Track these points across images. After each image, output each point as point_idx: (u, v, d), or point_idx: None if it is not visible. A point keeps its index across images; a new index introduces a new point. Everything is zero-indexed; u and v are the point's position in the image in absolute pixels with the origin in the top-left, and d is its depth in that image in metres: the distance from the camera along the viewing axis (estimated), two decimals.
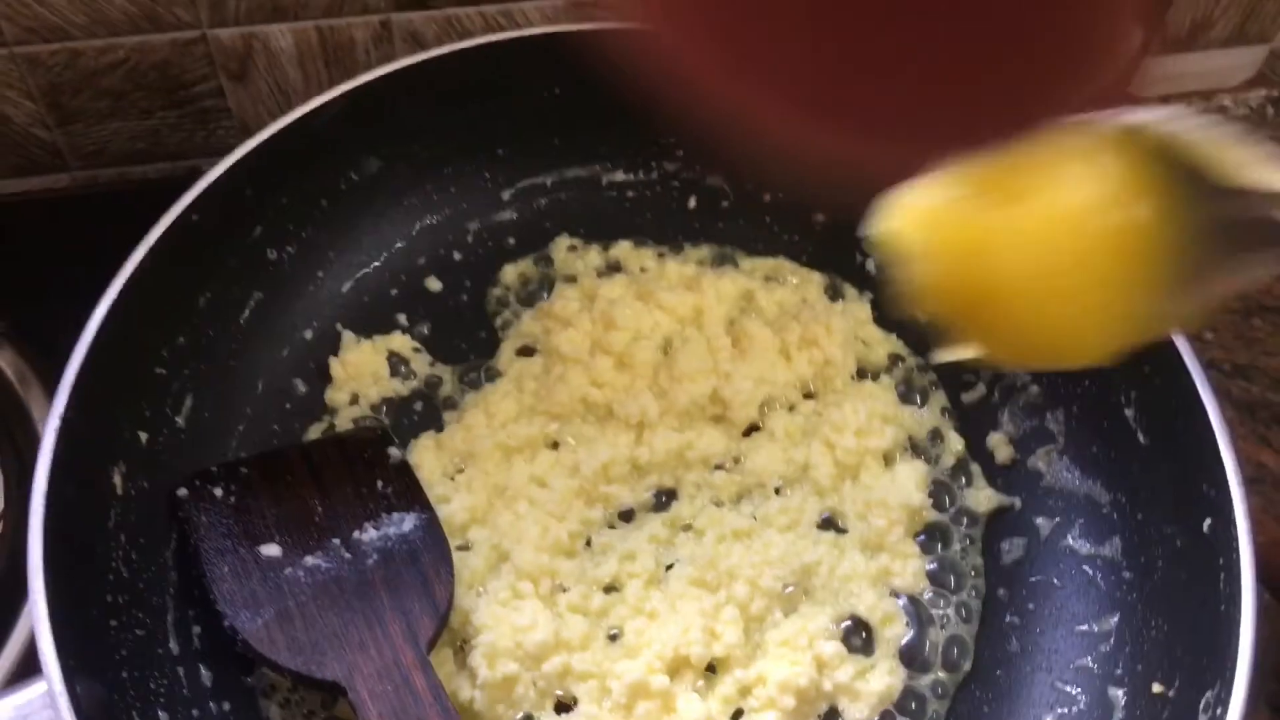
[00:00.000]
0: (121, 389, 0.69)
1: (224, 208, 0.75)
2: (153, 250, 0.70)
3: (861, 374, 0.83)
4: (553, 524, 0.73)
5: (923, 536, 0.77)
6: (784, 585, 0.73)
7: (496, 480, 0.76)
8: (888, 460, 0.79)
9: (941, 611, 0.74)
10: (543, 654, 0.68)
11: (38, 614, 0.58)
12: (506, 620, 0.69)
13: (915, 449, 0.80)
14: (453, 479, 0.77)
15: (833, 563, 0.74)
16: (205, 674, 0.68)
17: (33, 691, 0.57)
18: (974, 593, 0.75)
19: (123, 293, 0.68)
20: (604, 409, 0.80)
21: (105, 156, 0.98)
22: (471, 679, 0.68)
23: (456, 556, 0.71)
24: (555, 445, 0.79)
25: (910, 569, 0.75)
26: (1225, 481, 0.65)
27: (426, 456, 0.77)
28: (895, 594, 0.74)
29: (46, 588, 0.59)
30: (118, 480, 0.68)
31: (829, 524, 0.77)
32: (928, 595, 0.75)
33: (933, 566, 0.76)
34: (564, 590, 0.72)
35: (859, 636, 0.73)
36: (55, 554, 0.60)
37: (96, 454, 0.67)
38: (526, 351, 0.84)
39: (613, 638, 0.71)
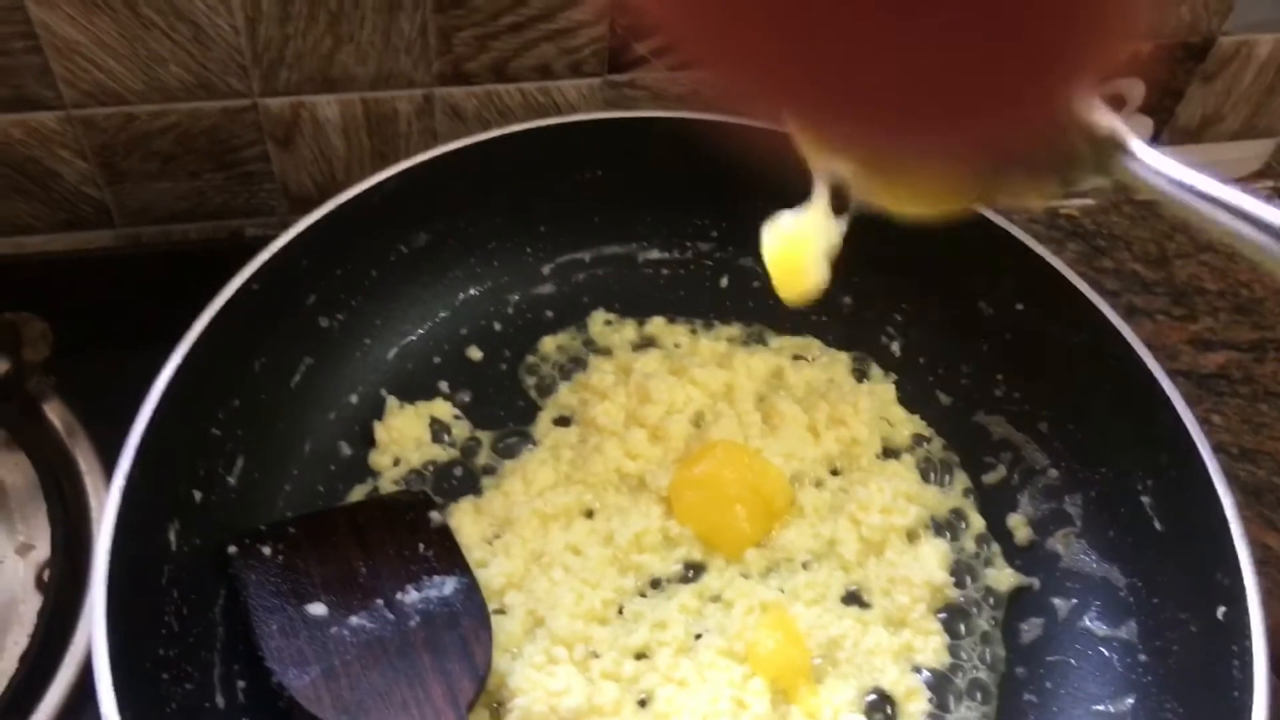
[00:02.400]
0: (180, 448, 0.72)
1: (282, 277, 0.77)
2: (215, 316, 0.73)
3: (886, 453, 0.86)
4: (587, 591, 0.76)
5: (944, 614, 0.79)
6: (810, 658, 0.75)
7: (533, 546, 0.78)
8: (911, 538, 0.81)
9: (962, 688, 0.76)
10: (576, 719, 0.70)
11: (99, 667, 0.60)
12: (541, 685, 0.71)
13: (938, 528, 0.83)
14: (490, 544, 0.79)
15: (857, 637, 0.76)
16: None
17: None
18: (993, 671, 0.77)
19: (187, 356, 0.71)
20: (637, 480, 0.82)
21: (150, 215, 1.00)
22: None
23: (493, 620, 0.73)
24: (590, 514, 0.81)
25: (932, 645, 0.77)
26: (1239, 571, 0.68)
27: (465, 521, 0.80)
28: (917, 669, 0.76)
29: (108, 644, 0.61)
30: (172, 537, 0.70)
31: (853, 599, 0.79)
32: (949, 671, 0.77)
33: (954, 643, 0.78)
34: (596, 656, 0.74)
35: (883, 711, 0.75)
36: (115, 608, 0.62)
37: (155, 511, 0.69)
38: (563, 421, 0.87)
39: (643, 704, 0.73)
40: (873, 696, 0.75)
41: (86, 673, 0.76)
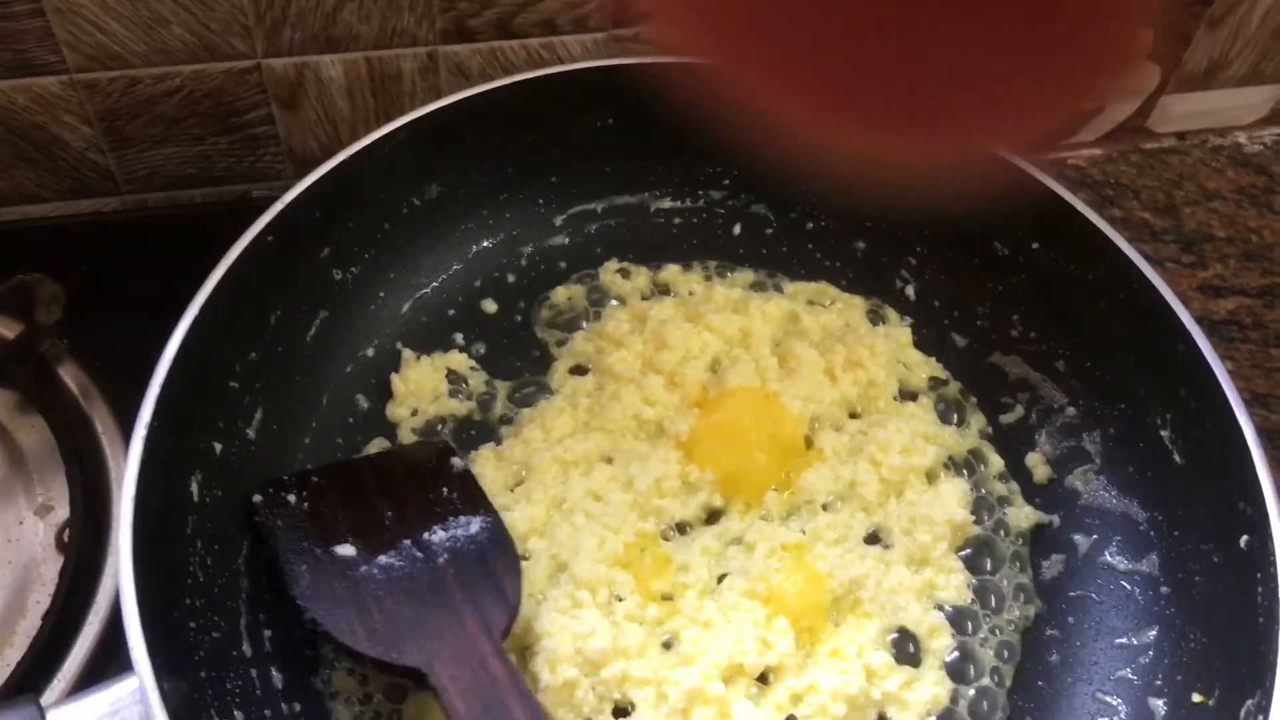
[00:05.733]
0: (199, 401, 0.72)
1: (295, 229, 0.77)
2: (231, 269, 0.73)
3: (903, 395, 0.86)
4: (609, 535, 0.76)
5: (967, 551, 0.79)
6: (832, 597, 0.75)
7: (554, 493, 0.78)
8: (930, 478, 0.81)
9: (985, 624, 0.77)
10: (602, 660, 0.70)
11: (128, 613, 0.60)
12: (567, 628, 0.71)
13: (957, 468, 0.83)
14: (512, 490, 0.79)
15: (879, 577, 0.76)
16: (277, 676, 0.70)
17: (125, 687, 0.60)
18: (1016, 606, 0.78)
19: (203, 308, 0.71)
20: (655, 426, 0.82)
21: (155, 181, 1.00)
22: (534, 683, 0.70)
23: None
24: (609, 460, 0.81)
25: (954, 583, 0.77)
26: (1262, 499, 0.68)
27: (487, 467, 0.80)
28: (940, 607, 0.77)
29: (136, 588, 0.61)
30: (194, 489, 0.70)
31: (875, 539, 0.79)
32: (972, 609, 0.77)
33: (975, 581, 0.78)
34: (620, 599, 0.74)
35: (906, 648, 0.75)
36: (142, 557, 0.62)
37: (176, 463, 0.69)
38: (579, 370, 0.87)
39: (668, 645, 0.73)
40: (896, 635, 0.75)
41: (109, 629, 0.76)
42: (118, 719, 0.59)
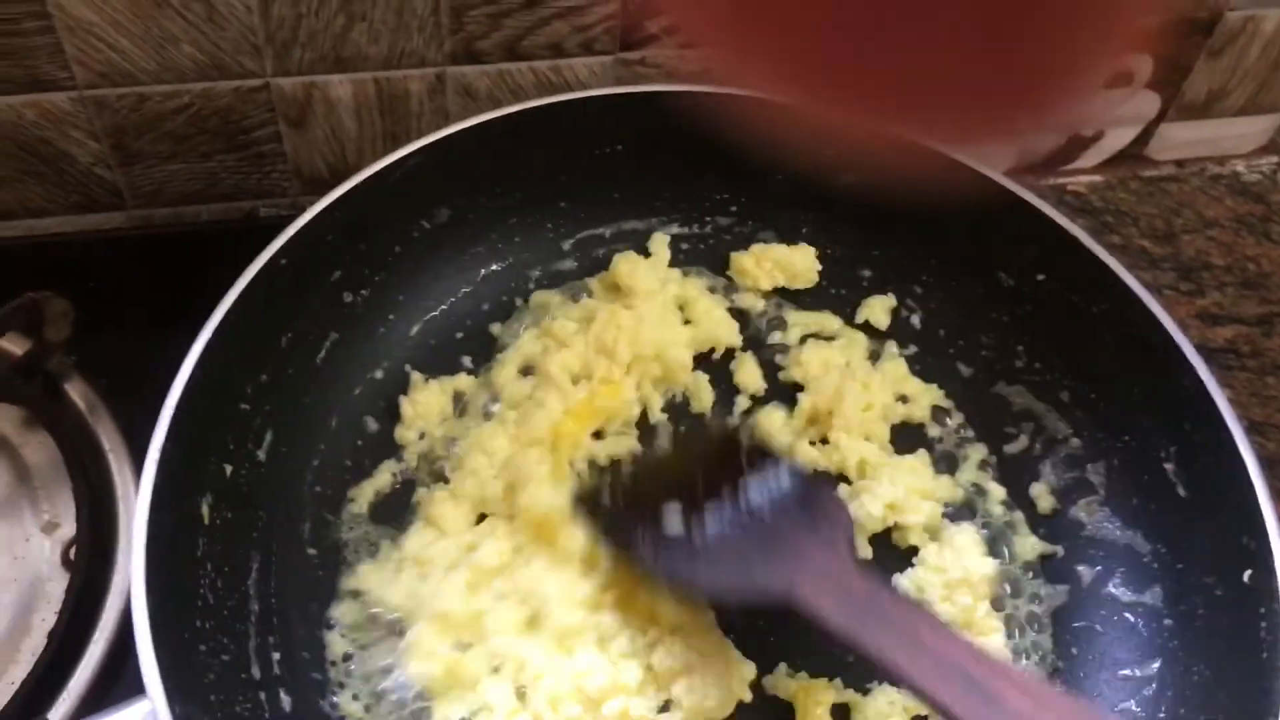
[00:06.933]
0: (211, 423, 0.72)
1: (308, 252, 0.78)
2: (245, 290, 0.73)
3: (902, 432, 0.86)
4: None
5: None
6: None
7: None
8: (931, 533, 0.81)
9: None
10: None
11: (141, 636, 0.60)
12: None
13: (957, 512, 0.83)
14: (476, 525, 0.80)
15: None
16: (285, 699, 0.70)
17: (137, 711, 0.60)
18: (1034, 644, 0.78)
19: (217, 330, 0.71)
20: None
21: (162, 197, 1.00)
22: None
23: None
24: None
25: (995, 644, 0.77)
26: (1265, 533, 0.69)
27: (446, 509, 0.80)
28: None
29: (148, 611, 0.61)
30: (205, 510, 0.71)
31: None
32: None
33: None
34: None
35: None
36: (154, 579, 0.63)
37: (188, 484, 0.70)
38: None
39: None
40: None
41: (115, 649, 0.76)
42: None
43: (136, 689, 0.60)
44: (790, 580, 0.66)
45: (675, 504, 0.72)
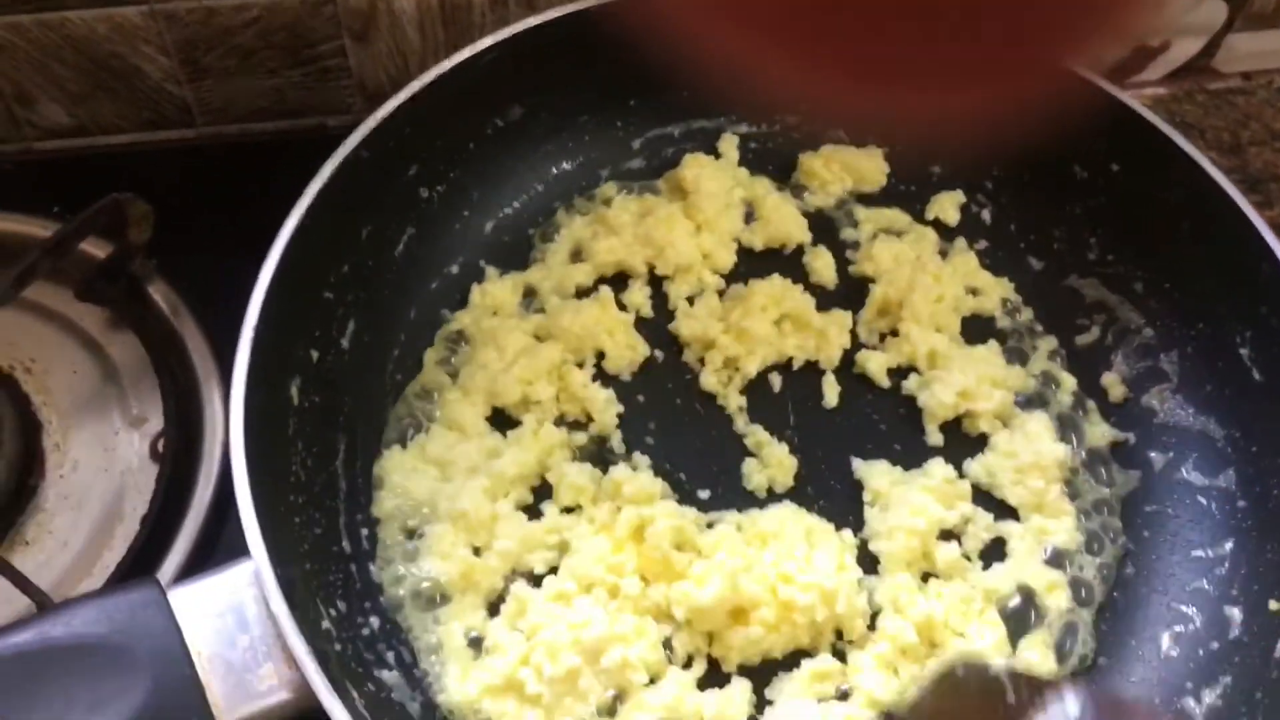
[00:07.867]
0: (297, 308, 0.74)
1: (387, 144, 0.79)
2: (328, 181, 0.74)
3: (973, 322, 0.87)
4: None
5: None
6: None
7: None
8: (1004, 420, 0.82)
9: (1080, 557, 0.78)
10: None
11: (243, 502, 0.62)
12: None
13: (1029, 401, 0.83)
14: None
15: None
16: (374, 571, 0.72)
17: (241, 571, 0.62)
18: (1104, 526, 0.79)
19: (302, 219, 0.72)
20: None
21: (230, 113, 1.01)
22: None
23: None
24: None
25: (1065, 526, 0.78)
26: None
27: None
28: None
29: (250, 483, 0.63)
30: (294, 393, 0.73)
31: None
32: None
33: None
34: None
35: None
36: (251, 453, 0.64)
37: (278, 367, 0.71)
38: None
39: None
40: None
41: (204, 533, 0.79)
42: (234, 599, 0.61)
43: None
44: None
45: None
